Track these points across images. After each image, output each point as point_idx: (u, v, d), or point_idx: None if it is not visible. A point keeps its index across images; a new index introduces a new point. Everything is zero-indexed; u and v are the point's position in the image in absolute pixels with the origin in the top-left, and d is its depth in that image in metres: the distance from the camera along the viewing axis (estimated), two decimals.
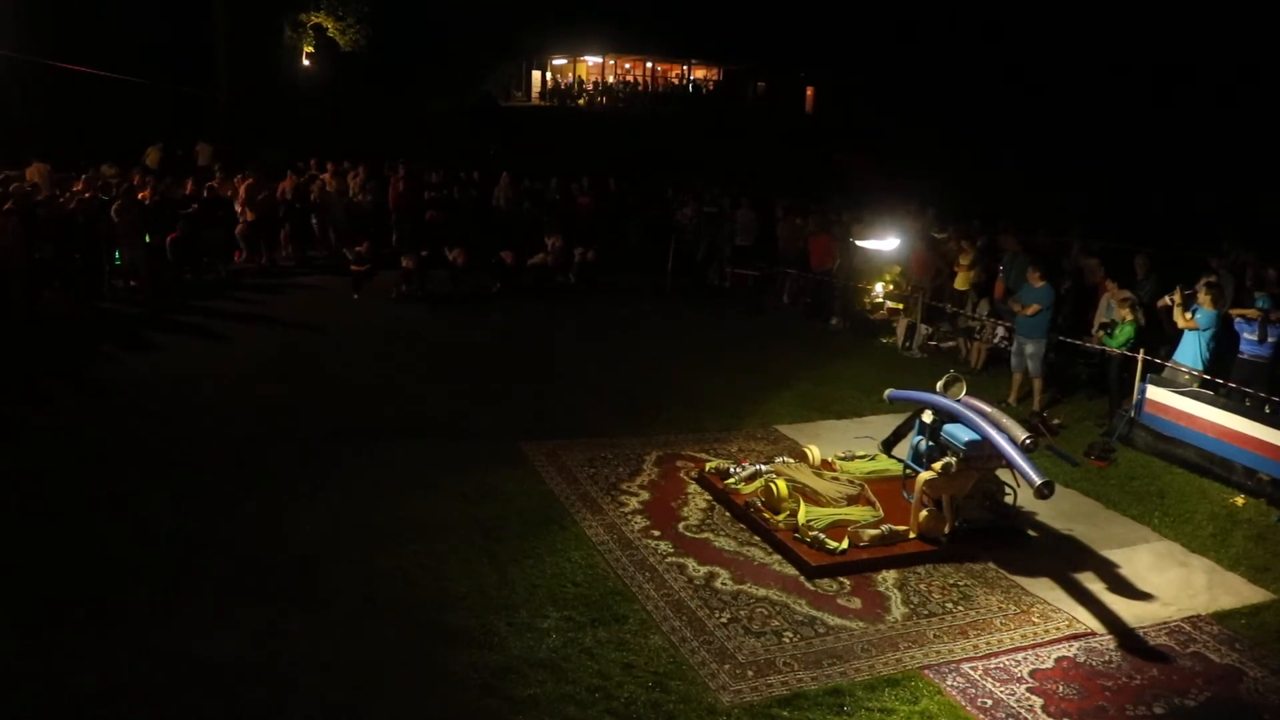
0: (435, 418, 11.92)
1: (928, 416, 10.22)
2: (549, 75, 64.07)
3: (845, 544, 8.96)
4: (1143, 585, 8.98)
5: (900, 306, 17.44)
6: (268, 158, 21.78)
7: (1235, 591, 9.01)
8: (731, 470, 10.38)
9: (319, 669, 6.90)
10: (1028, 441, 9.12)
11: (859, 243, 17.26)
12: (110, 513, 9.03)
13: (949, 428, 9.80)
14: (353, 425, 11.48)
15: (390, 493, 9.76)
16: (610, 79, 65.00)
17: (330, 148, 23.33)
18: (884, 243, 16.44)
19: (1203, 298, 12.70)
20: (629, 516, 9.63)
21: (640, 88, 63.74)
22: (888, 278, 17.92)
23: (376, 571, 8.26)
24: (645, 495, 10.13)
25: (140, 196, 17.71)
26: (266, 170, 20.92)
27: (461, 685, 6.83)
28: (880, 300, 18.08)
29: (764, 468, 10.30)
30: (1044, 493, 8.89)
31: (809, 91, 62.17)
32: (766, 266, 20.16)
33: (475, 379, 13.55)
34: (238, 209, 19.49)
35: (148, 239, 17.17)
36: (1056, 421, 13.25)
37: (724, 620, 7.90)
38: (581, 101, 59.88)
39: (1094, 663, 7.72)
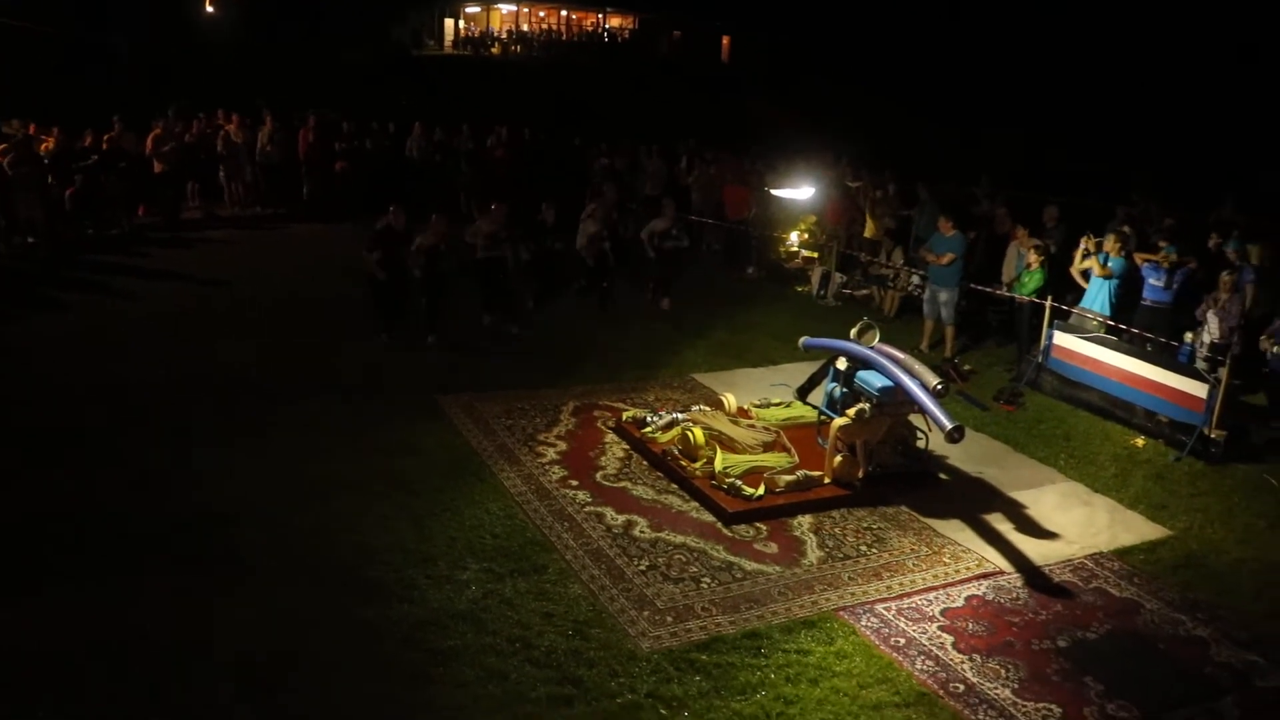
0: (349, 373, 11.74)
1: (842, 364, 10.35)
2: (462, 23, 63.05)
3: (761, 490, 9.06)
4: (1048, 525, 9.23)
5: (815, 255, 17.57)
6: (181, 106, 21.08)
7: (1135, 529, 9.30)
8: (648, 419, 10.42)
9: (237, 629, 6.81)
10: (939, 387, 9.29)
11: (774, 192, 17.34)
12: (15, 479, 8.79)
13: (862, 374, 9.94)
14: (265, 383, 11.27)
15: (306, 450, 9.63)
16: (525, 27, 64.17)
17: (236, 98, 22.70)
18: (798, 192, 16.53)
19: (1111, 246, 13.00)
20: (547, 467, 9.63)
21: (555, 36, 63.02)
22: (802, 227, 18.02)
23: (293, 529, 8.16)
24: (563, 446, 10.13)
25: (41, 149, 17.08)
26: (175, 120, 20.30)
27: (381, 639, 6.80)
28: (795, 249, 18.19)
29: (681, 416, 10.35)
30: (955, 437, 9.07)
31: (725, 41, 62.04)
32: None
33: (391, 331, 13.37)
34: (153, 161, 18.92)
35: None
36: (967, 368, 13.49)
37: (643, 568, 7.96)
38: (495, 50, 59.07)
39: (1002, 600, 7.93)
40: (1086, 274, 13.39)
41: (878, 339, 10.41)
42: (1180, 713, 6.68)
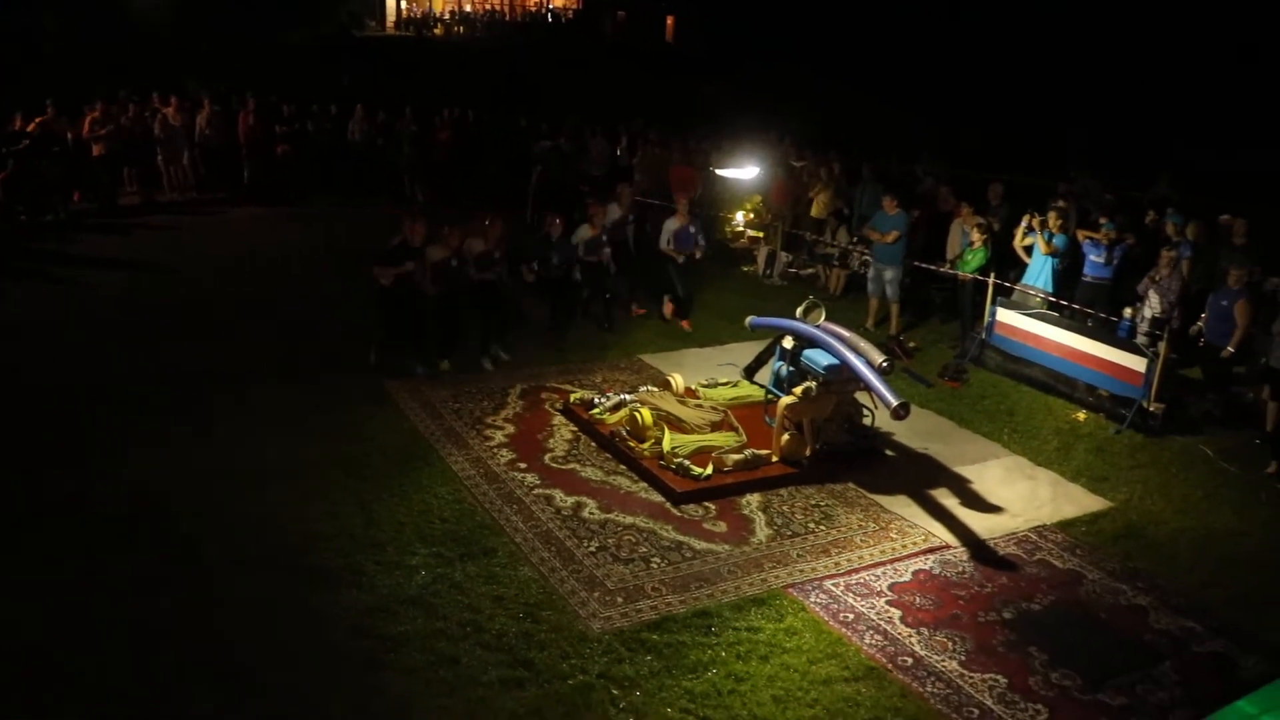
0: (294, 358, 11.60)
1: (788, 342, 10.41)
2: (404, 4, 62.40)
3: (709, 470, 9.09)
4: (993, 499, 9.35)
5: (761, 235, 17.61)
6: (124, 90, 20.67)
7: (1077, 501, 9.46)
8: (596, 401, 10.42)
9: (184, 619, 6.74)
10: (884, 365, 9.37)
11: (719, 172, 17.35)
12: None
13: (809, 353, 10.00)
14: (209, 370, 11.10)
15: (251, 437, 9.53)
16: (468, 7, 63.63)
17: (171, 80, 22.30)
18: (743, 172, 16.57)
19: (1052, 223, 13.17)
20: (495, 450, 9.60)
21: (499, 17, 62.56)
22: (748, 206, 18.05)
23: (238, 517, 8.07)
24: (510, 429, 10.10)
25: None
26: (113, 103, 19.90)
27: (331, 627, 6.76)
28: (741, 229, 18.21)
29: (628, 397, 10.35)
30: (900, 414, 9.15)
31: (669, 21, 61.87)
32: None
33: (336, 317, 13.23)
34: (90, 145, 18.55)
35: None
36: (912, 345, 13.62)
37: (592, 549, 7.97)
38: (438, 30, 58.52)
39: (948, 574, 8.04)
40: (1029, 250, 13.55)
41: (823, 317, 10.48)
42: (1121, 679, 6.81)
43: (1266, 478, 10.21)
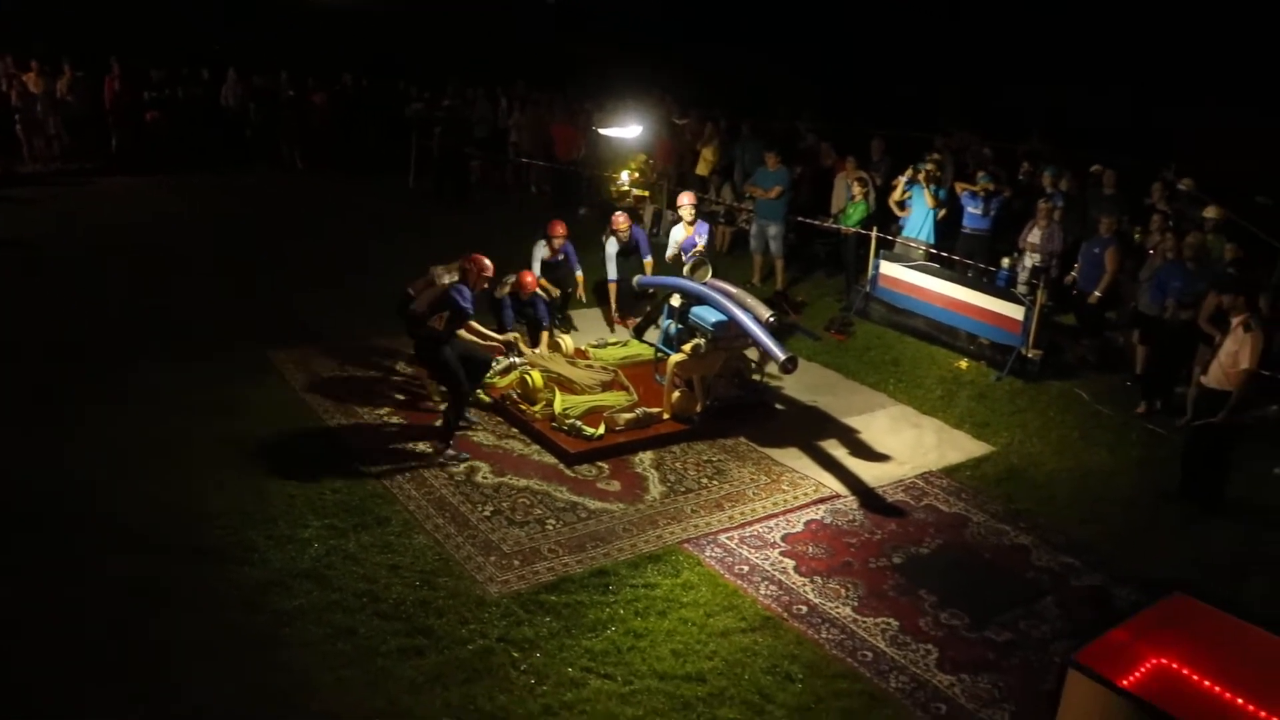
0: (174, 333, 11.25)
1: (676, 300, 10.45)
2: None
3: (601, 429, 9.11)
4: (881, 448, 9.55)
5: (646, 194, 17.60)
6: None
7: (961, 447, 9.72)
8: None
9: (71, 605, 6.51)
10: (771, 319, 9.47)
11: (602, 131, 17.27)
12: None
13: (696, 310, 10.05)
14: (84, 345, 10.70)
15: (131, 414, 9.20)
16: None
17: (32, 44, 21.32)
18: (627, 131, 16.51)
19: (924, 176, 13.42)
20: (385, 419, 9.47)
21: None
22: (633, 165, 18.01)
23: (123, 499, 7.78)
24: (400, 396, 9.96)
25: None
26: None
27: (224, 605, 6.59)
28: (626, 188, 18.16)
29: (518, 360, 10.29)
30: (788, 367, 9.27)
31: None
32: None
33: (216, 290, 12.89)
34: None
35: None
36: (799, 299, 13.79)
37: (487, 513, 7.93)
38: None
39: (839, 523, 8.19)
40: (902, 205, 13.82)
41: (710, 275, 10.53)
42: (1005, 616, 7.04)
43: (1136, 418, 10.61)
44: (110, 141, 19.92)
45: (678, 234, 12.54)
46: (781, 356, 9.18)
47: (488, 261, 8.95)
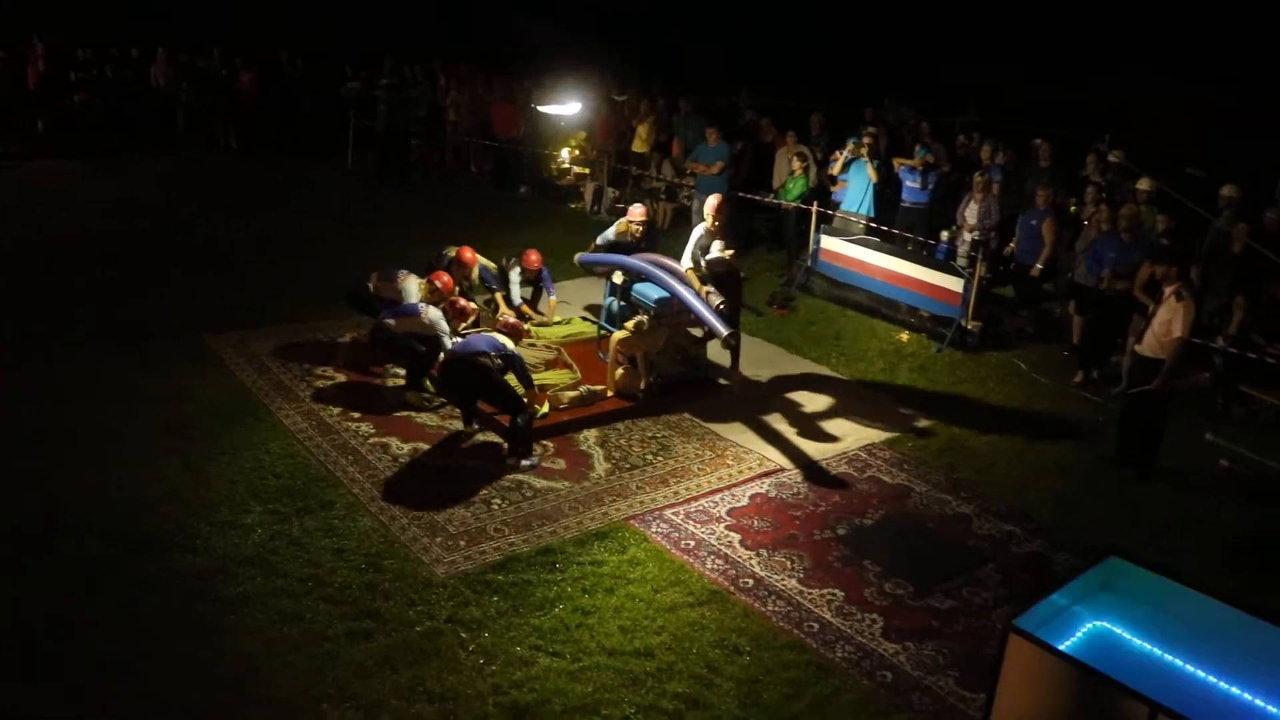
0: (107, 319, 11.03)
1: (618, 277, 10.44)
2: None
3: (546, 408, 9.09)
4: (825, 421, 9.62)
5: (587, 171, 17.58)
6: None
7: (903, 418, 9.82)
8: None
9: (9, 596, 6.39)
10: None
11: (542, 109, 17.19)
12: None
13: (639, 287, 10.06)
14: (15, 336, 10.45)
15: (68, 405, 8.99)
16: None
17: None
18: (566, 108, 16.45)
19: (850, 150, 13.54)
20: (327, 402, 9.37)
21: None
22: (573, 143, 17.97)
23: (63, 488, 7.63)
24: (341, 378, 9.87)
25: None
26: None
27: (167, 593, 6.50)
28: (567, 166, 18.15)
29: (458, 340, 10.22)
30: (731, 342, 9.31)
31: None
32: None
33: (152, 275, 12.66)
34: None
35: None
36: (740, 275, 13.80)
37: (432, 495, 7.89)
38: None
39: (784, 496, 8.25)
40: (834, 180, 13.93)
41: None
42: (949, 584, 7.14)
43: (1074, 387, 10.79)
44: (36, 124, 19.44)
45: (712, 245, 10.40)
46: (724, 332, 9.21)
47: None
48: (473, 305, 10.13)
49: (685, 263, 9.99)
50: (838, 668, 6.23)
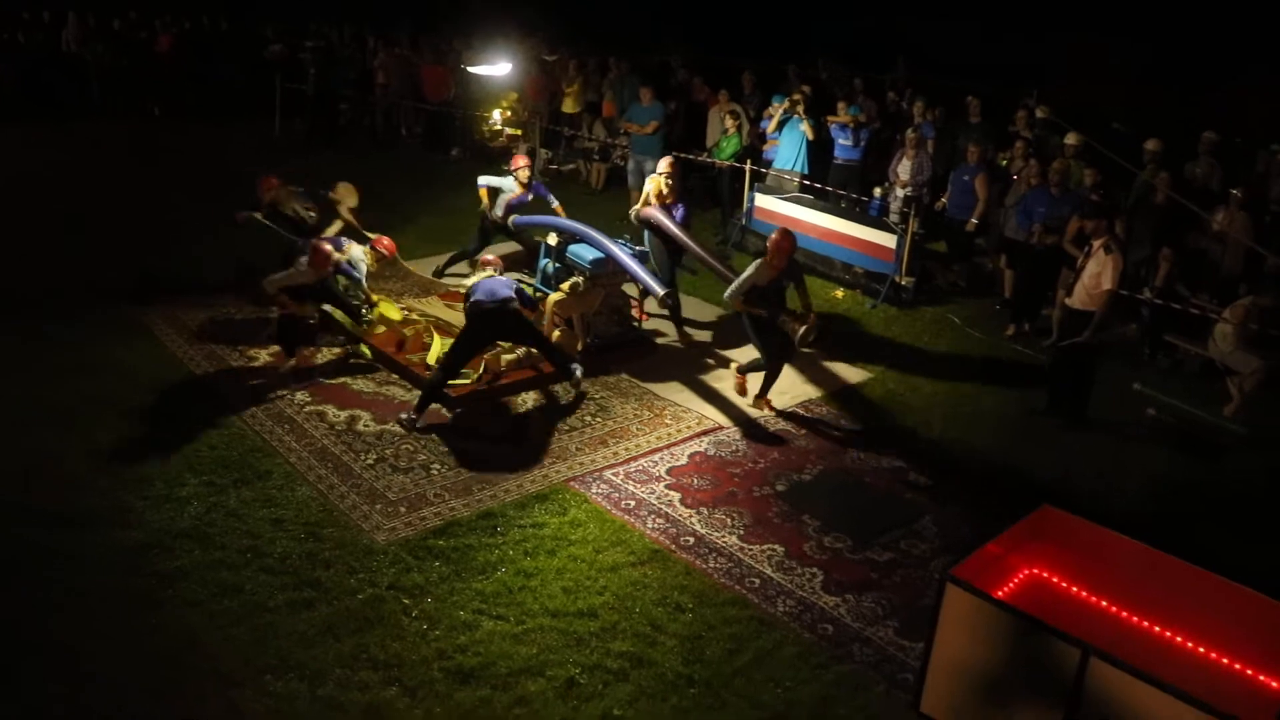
0: (31, 293, 10.75)
1: (552, 239, 10.38)
2: None
3: (480, 371, 9.03)
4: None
5: (519, 133, 17.43)
6: None
7: (839, 375, 9.91)
8: (362, 311, 10.13)
9: None
10: (666, 298, 9.49)
11: (471, 70, 16.99)
12: None
13: (574, 248, 10.02)
14: None
15: None
16: None
17: None
18: (496, 69, 16.26)
19: (775, 108, 13.56)
20: (261, 372, 9.24)
21: None
22: (504, 104, 17.80)
23: None
24: (274, 347, 9.72)
25: None
26: None
27: (103, 570, 6.39)
28: (499, 128, 17.97)
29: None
30: (667, 302, 9.32)
31: None
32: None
33: (78, 248, 12.35)
34: None
35: None
36: None
37: (370, 462, 7.84)
38: None
39: (723, 454, 8.30)
40: (764, 138, 13.96)
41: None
42: (886, 536, 7.24)
43: (1006, 339, 10.96)
44: None
45: (508, 186, 11.60)
46: (660, 291, 9.21)
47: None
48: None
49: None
50: (779, 622, 6.30)
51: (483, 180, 11.49)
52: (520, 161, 11.51)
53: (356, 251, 9.79)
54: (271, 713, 5.35)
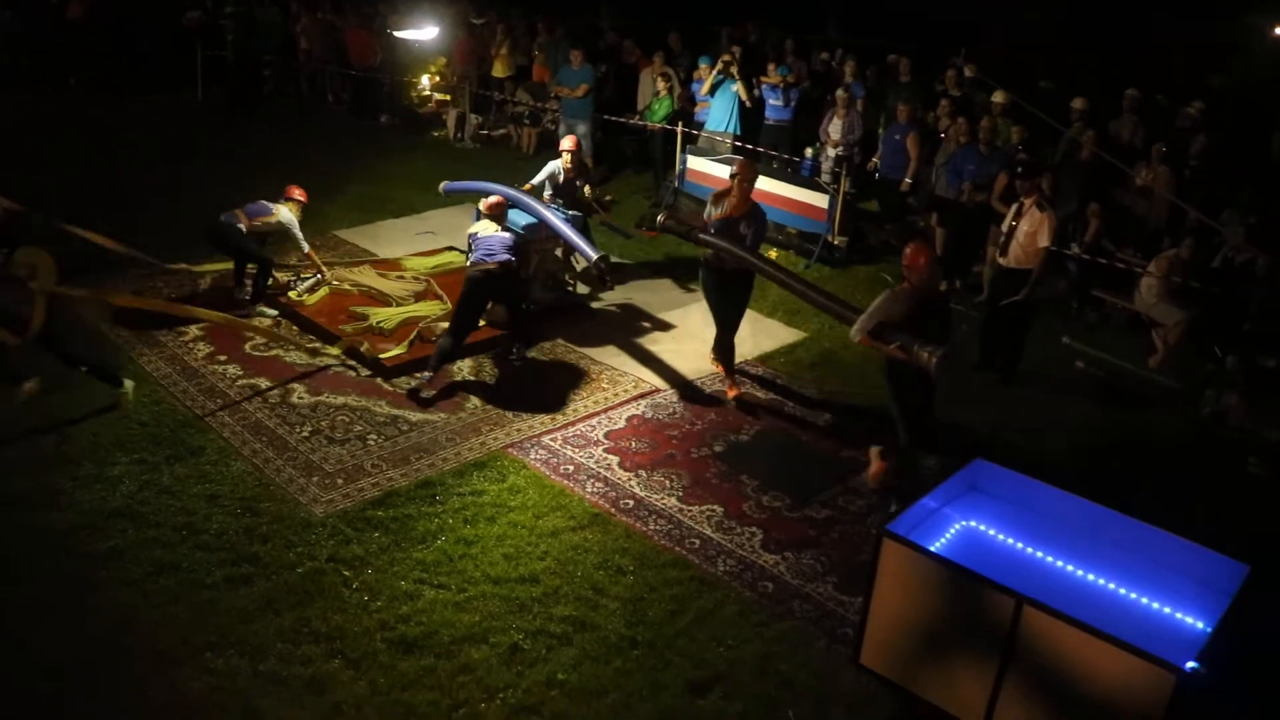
0: None
1: (483, 206, 10.26)
2: None
3: (402, 348, 8.90)
4: (696, 341, 9.70)
5: (448, 98, 17.23)
6: None
7: (774, 335, 9.98)
8: (293, 283, 10.01)
9: None
10: (602, 269, 9.45)
11: (398, 34, 16.74)
12: None
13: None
14: None
15: None
16: None
17: None
18: (423, 33, 16.04)
19: (704, 72, 13.56)
20: (190, 345, 9.09)
21: None
22: (433, 69, 17.57)
23: None
24: (205, 321, 9.54)
25: None
26: None
27: (32, 553, 6.26)
28: (428, 93, 17.75)
29: (325, 276, 10.01)
30: (601, 266, 9.28)
31: None
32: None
33: None
34: None
35: None
36: (608, 198, 13.74)
37: (306, 434, 7.75)
38: None
39: (660, 416, 8.33)
40: (694, 100, 13.94)
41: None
42: (824, 494, 7.33)
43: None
44: None
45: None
46: (594, 255, 9.18)
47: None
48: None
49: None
50: (720, 581, 6.36)
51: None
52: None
53: (285, 213, 9.62)
54: (213, 690, 5.31)
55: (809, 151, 13.23)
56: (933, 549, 5.42)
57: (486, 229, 8.78)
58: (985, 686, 5.13)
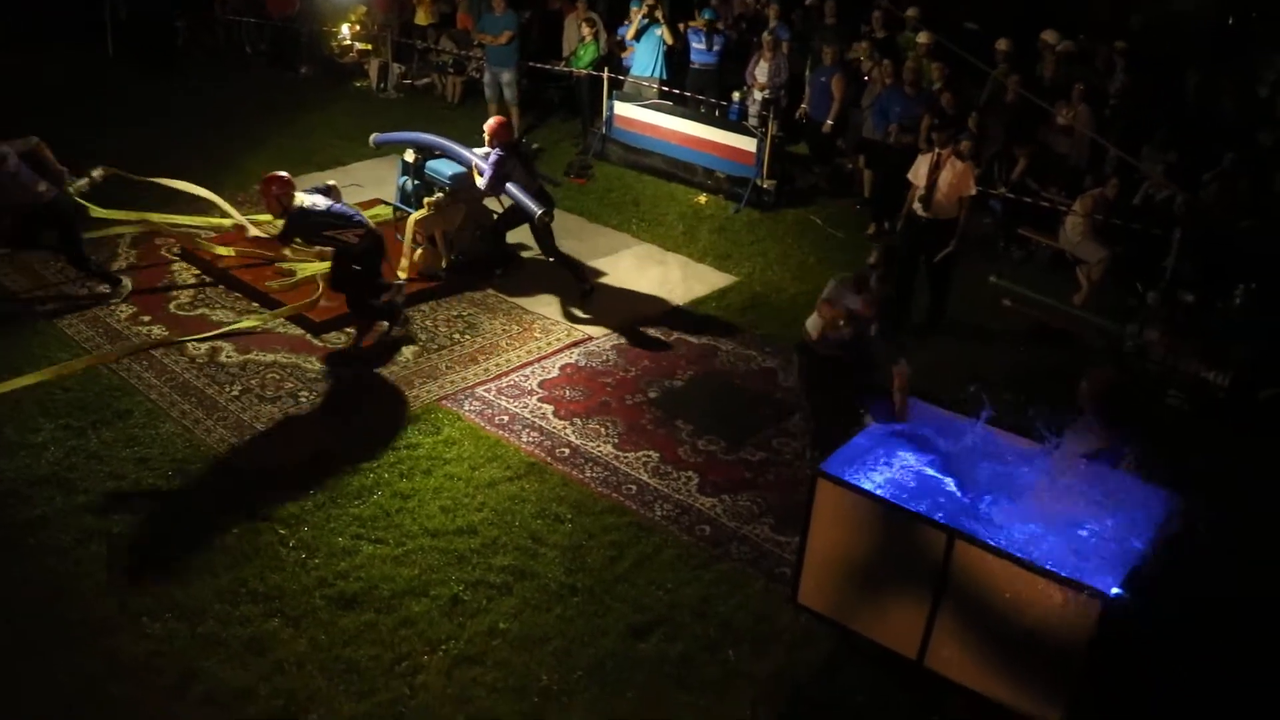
0: None
1: (410, 156, 10.13)
2: None
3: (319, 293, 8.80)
4: (629, 287, 9.72)
5: (370, 47, 16.87)
6: None
7: (706, 280, 10.00)
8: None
9: None
10: (546, 216, 9.35)
11: None
12: None
13: (432, 164, 9.83)
14: None
15: None
16: None
17: None
18: None
19: (657, 13, 13.42)
20: (114, 307, 8.89)
21: None
22: (353, 18, 17.18)
23: None
24: (129, 283, 9.31)
25: None
26: None
27: None
28: (349, 42, 17.37)
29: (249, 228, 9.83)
30: (545, 219, 9.19)
31: None
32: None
33: None
34: None
35: None
36: (536, 146, 13.64)
37: (236, 393, 7.66)
38: None
39: (594, 364, 8.34)
40: (623, 45, 13.84)
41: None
42: (759, 436, 7.41)
43: (867, 239, 11.14)
44: None
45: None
46: (536, 210, 9.07)
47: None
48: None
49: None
50: (658, 526, 6.41)
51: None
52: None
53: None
54: (151, 655, 5.28)
55: (736, 95, 13.20)
56: (866, 487, 5.50)
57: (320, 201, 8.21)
58: (920, 619, 5.25)
